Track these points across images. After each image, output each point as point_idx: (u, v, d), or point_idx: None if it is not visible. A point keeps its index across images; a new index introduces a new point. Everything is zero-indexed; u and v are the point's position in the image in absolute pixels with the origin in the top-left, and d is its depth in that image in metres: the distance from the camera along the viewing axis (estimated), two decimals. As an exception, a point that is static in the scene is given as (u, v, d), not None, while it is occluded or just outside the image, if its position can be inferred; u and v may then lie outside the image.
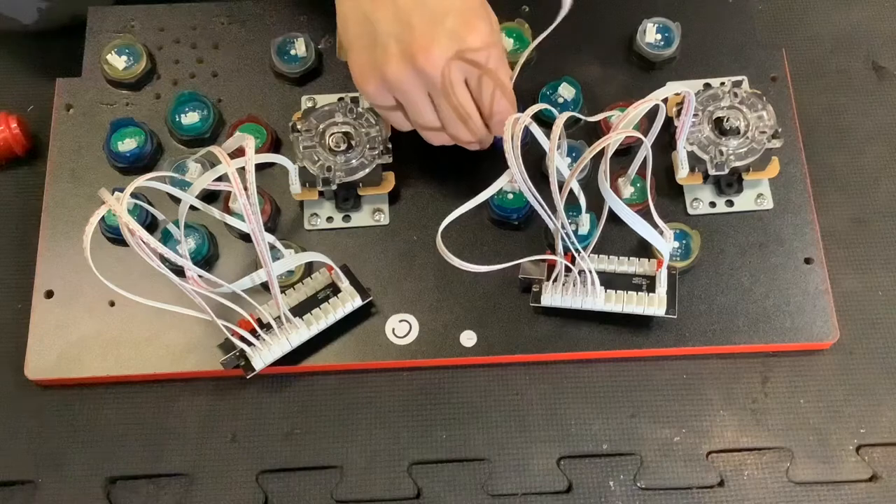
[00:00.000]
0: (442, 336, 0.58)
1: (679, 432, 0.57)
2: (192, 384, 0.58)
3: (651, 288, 0.56)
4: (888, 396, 0.58)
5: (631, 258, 0.58)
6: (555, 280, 0.57)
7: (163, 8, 0.68)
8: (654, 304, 0.56)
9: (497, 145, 0.62)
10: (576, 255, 0.54)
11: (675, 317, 0.56)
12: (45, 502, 0.55)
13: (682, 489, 0.56)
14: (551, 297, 0.57)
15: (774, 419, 0.58)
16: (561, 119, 0.48)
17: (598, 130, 0.63)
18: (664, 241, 0.55)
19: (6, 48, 0.70)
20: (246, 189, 0.47)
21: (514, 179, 0.50)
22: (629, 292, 0.56)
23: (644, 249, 0.59)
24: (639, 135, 0.51)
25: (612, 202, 0.51)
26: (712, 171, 0.59)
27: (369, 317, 0.59)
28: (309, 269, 0.59)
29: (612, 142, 0.49)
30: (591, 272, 0.55)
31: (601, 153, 0.50)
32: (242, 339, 0.54)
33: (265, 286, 0.54)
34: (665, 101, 0.52)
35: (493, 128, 0.56)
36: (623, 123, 0.50)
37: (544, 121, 0.61)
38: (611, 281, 0.57)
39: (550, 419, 0.57)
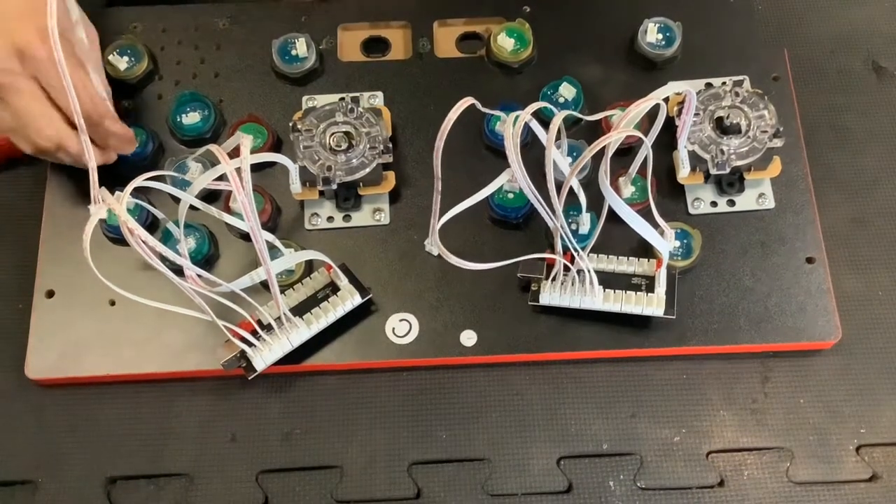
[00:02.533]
0: (442, 335, 0.58)
1: (679, 432, 0.57)
2: (192, 384, 0.58)
3: (650, 288, 0.56)
4: (888, 396, 0.58)
5: (630, 258, 0.57)
6: (553, 279, 0.57)
7: (165, 9, 0.68)
8: (652, 304, 0.56)
9: (498, 143, 0.62)
10: (575, 254, 0.54)
11: (674, 317, 0.56)
12: (45, 502, 0.55)
13: (682, 489, 0.56)
14: (549, 295, 0.56)
15: (774, 419, 0.57)
16: (559, 116, 0.48)
17: (598, 130, 0.63)
18: (664, 241, 0.55)
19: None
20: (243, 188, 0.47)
21: (513, 178, 0.50)
22: (628, 292, 0.56)
23: (645, 249, 0.59)
24: (639, 134, 0.51)
25: (613, 201, 0.51)
26: (713, 171, 0.59)
27: (369, 316, 0.59)
28: (309, 268, 0.59)
29: (612, 141, 0.49)
30: (589, 271, 0.55)
31: (602, 152, 0.50)
32: (243, 339, 0.54)
33: (265, 285, 0.54)
34: (666, 100, 0.52)
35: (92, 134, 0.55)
36: (624, 122, 0.50)
37: (545, 120, 0.61)
38: (610, 280, 0.57)
39: (550, 419, 0.57)
